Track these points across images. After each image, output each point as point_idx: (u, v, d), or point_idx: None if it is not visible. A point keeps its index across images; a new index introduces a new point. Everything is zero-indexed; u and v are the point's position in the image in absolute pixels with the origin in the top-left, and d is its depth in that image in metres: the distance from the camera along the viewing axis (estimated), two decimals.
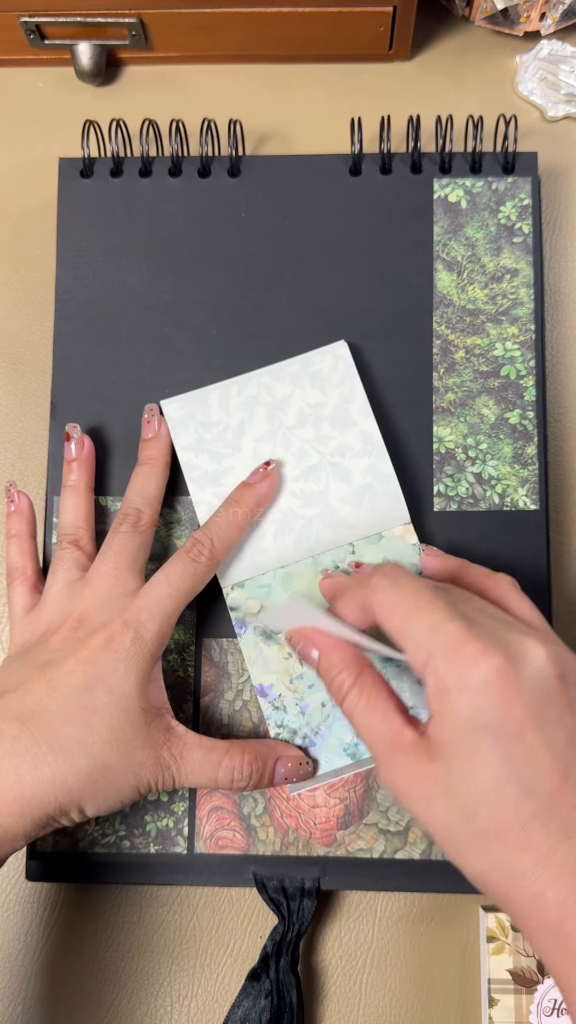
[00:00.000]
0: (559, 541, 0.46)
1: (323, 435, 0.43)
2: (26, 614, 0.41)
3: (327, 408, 0.43)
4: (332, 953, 0.43)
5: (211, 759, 0.38)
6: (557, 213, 0.49)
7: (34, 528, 0.43)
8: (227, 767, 0.38)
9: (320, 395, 0.43)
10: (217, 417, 0.43)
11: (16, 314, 0.49)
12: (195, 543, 0.40)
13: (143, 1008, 0.43)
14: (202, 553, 0.40)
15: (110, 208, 0.46)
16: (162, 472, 0.43)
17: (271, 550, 0.42)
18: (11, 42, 0.50)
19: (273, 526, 0.42)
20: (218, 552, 0.40)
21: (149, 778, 0.37)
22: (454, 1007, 0.42)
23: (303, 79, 0.51)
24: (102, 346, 0.45)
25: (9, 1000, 0.43)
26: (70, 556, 0.41)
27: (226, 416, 0.43)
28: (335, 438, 0.43)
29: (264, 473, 0.42)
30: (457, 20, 0.52)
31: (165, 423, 0.43)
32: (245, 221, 0.46)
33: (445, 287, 0.45)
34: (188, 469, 0.43)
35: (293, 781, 0.40)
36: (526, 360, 0.44)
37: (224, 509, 0.41)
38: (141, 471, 0.42)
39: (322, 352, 0.44)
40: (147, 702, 0.38)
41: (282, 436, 0.43)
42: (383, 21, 0.48)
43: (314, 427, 0.43)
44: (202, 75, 0.52)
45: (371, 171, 0.46)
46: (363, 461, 0.43)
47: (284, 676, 0.42)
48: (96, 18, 0.48)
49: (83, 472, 0.43)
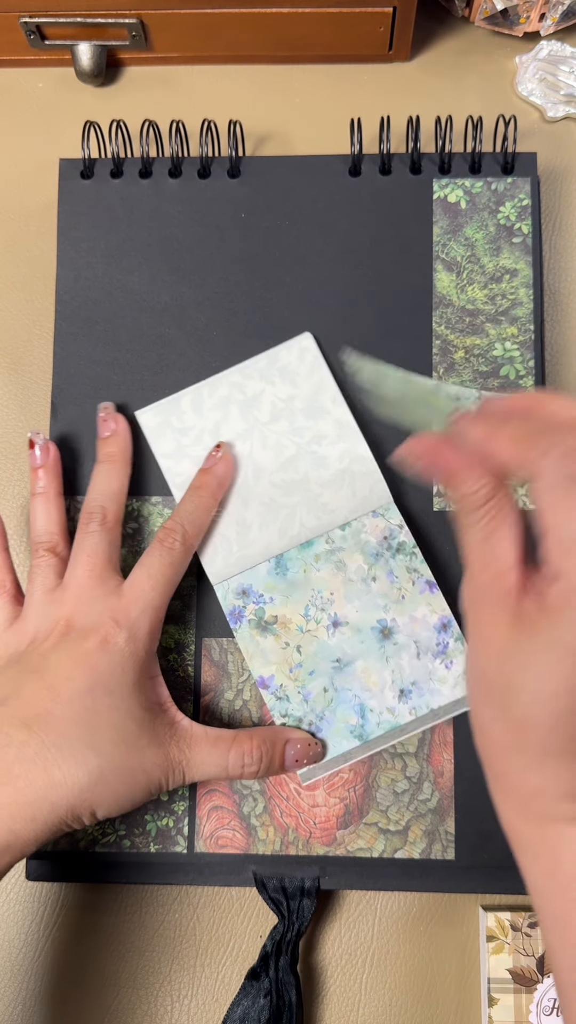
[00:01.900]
0: None
1: (298, 427, 0.43)
2: (9, 626, 0.41)
3: (299, 400, 0.44)
4: (332, 953, 0.43)
5: (219, 749, 0.38)
6: (557, 213, 0.49)
7: (5, 539, 0.43)
8: (236, 754, 0.38)
9: (291, 388, 0.44)
10: (192, 421, 0.44)
11: (16, 314, 0.49)
12: (167, 532, 0.40)
13: (143, 1008, 0.43)
14: (176, 540, 0.40)
15: (110, 209, 0.46)
16: (123, 468, 0.43)
17: (257, 541, 0.42)
18: (11, 42, 0.50)
19: (257, 518, 0.43)
20: (190, 536, 0.40)
21: (160, 776, 0.37)
22: (454, 1007, 0.42)
23: (303, 79, 0.51)
24: (102, 346, 0.45)
25: (9, 1000, 0.43)
26: (47, 563, 0.41)
27: (201, 419, 0.44)
28: (310, 428, 0.43)
29: (218, 455, 0.43)
30: (457, 20, 0.52)
31: (123, 419, 0.43)
32: (245, 222, 0.46)
33: (444, 287, 0.45)
34: (170, 476, 0.43)
35: (304, 764, 0.40)
36: (525, 360, 0.44)
37: (189, 496, 0.42)
38: (102, 468, 0.42)
39: (288, 346, 0.44)
40: (148, 699, 0.38)
41: (258, 432, 0.43)
42: (383, 21, 0.48)
43: (288, 420, 0.43)
44: (202, 75, 0.52)
45: (371, 171, 0.46)
46: (339, 447, 0.43)
47: (284, 666, 0.42)
48: (96, 19, 0.48)
49: (51, 478, 0.43)
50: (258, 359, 0.44)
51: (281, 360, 0.44)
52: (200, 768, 0.38)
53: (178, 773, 0.38)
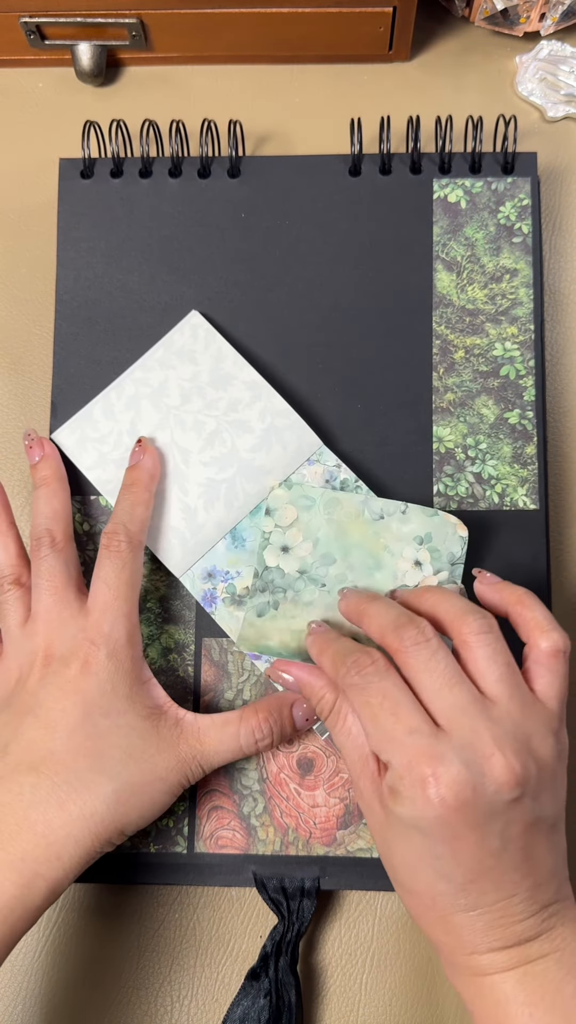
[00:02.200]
0: (559, 541, 0.46)
1: (210, 400, 0.44)
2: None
3: (204, 375, 0.44)
4: (332, 953, 0.43)
5: (228, 732, 0.39)
6: (557, 213, 0.49)
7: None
8: (246, 732, 0.39)
9: (192, 366, 0.44)
10: (107, 427, 0.44)
11: (16, 314, 0.49)
12: (110, 536, 0.40)
13: (143, 1008, 0.43)
14: (120, 541, 0.40)
15: (110, 209, 0.46)
16: (61, 488, 0.43)
17: (207, 523, 0.43)
18: (11, 42, 0.50)
19: (200, 500, 0.43)
20: (134, 534, 0.40)
21: (176, 778, 0.38)
22: (454, 1007, 0.42)
23: (303, 79, 0.51)
24: (102, 346, 0.45)
25: (9, 1000, 0.43)
26: (14, 596, 0.41)
27: (115, 423, 0.44)
28: (222, 398, 0.44)
29: (140, 450, 0.43)
30: (457, 20, 0.52)
31: (48, 442, 0.44)
32: (245, 221, 0.46)
33: (444, 287, 0.45)
34: (101, 485, 0.44)
35: (316, 720, 0.40)
36: (525, 360, 0.44)
37: (122, 495, 0.42)
38: (40, 493, 0.42)
39: (179, 328, 0.45)
40: (146, 706, 0.38)
41: (174, 417, 0.44)
42: (383, 21, 0.48)
43: (199, 397, 0.44)
44: (202, 75, 0.52)
45: (371, 171, 0.46)
46: (256, 407, 0.43)
47: None
48: (96, 18, 0.48)
49: (2, 512, 0.43)
50: (154, 350, 0.44)
51: (176, 344, 0.44)
52: (215, 756, 0.39)
53: (195, 768, 0.38)
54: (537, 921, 0.33)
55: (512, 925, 0.32)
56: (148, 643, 0.43)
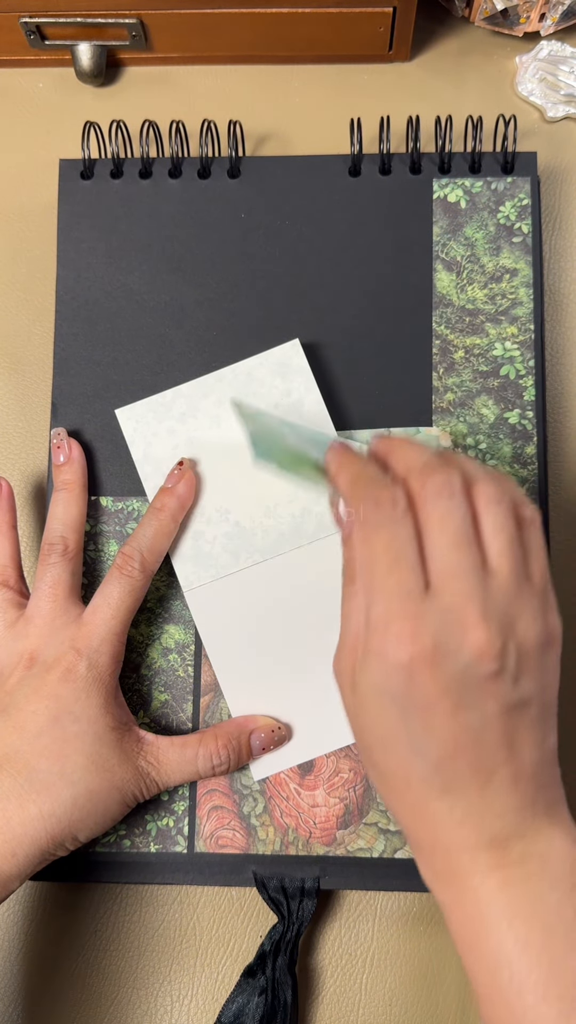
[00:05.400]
0: (559, 541, 0.46)
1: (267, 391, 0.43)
2: None
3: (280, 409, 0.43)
4: (331, 953, 0.43)
5: (186, 755, 0.39)
6: (557, 213, 0.49)
7: None
8: (204, 757, 0.39)
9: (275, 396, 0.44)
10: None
11: (16, 314, 0.49)
12: (126, 559, 0.40)
13: (143, 1008, 0.43)
14: (134, 568, 0.40)
15: (110, 209, 0.46)
16: (81, 495, 0.43)
17: (222, 556, 0.43)
18: (11, 43, 0.50)
19: (218, 542, 0.43)
20: (149, 563, 0.41)
21: (133, 790, 0.38)
22: (454, 1007, 0.42)
23: (303, 79, 0.51)
24: (102, 346, 0.45)
25: (9, 1000, 0.43)
26: (3, 597, 0.41)
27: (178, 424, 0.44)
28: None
29: (179, 474, 0.42)
30: (457, 21, 0.52)
31: (76, 445, 0.43)
32: (245, 222, 0.46)
33: (444, 287, 0.45)
34: (145, 479, 0.43)
35: (271, 749, 0.41)
36: (525, 360, 0.44)
37: (148, 518, 0.41)
38: (60, 497, 0.42)
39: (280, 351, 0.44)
40: (116, 719, 0.39)
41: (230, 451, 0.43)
42: (383, 21, 0.48)
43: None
44: (202, 76, 0.52)
45: (370, 171, 0.46)
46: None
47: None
48: (96, 19, 0.48)
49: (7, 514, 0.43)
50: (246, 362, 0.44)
51: (270, 360, 0.44)
52: (172, 775, 0.39)
53: (150, 783, 0.39)
54: (518, 819, 0.31)
55: (491, 818, 0.31)
56: (148, 643, 0.43)
